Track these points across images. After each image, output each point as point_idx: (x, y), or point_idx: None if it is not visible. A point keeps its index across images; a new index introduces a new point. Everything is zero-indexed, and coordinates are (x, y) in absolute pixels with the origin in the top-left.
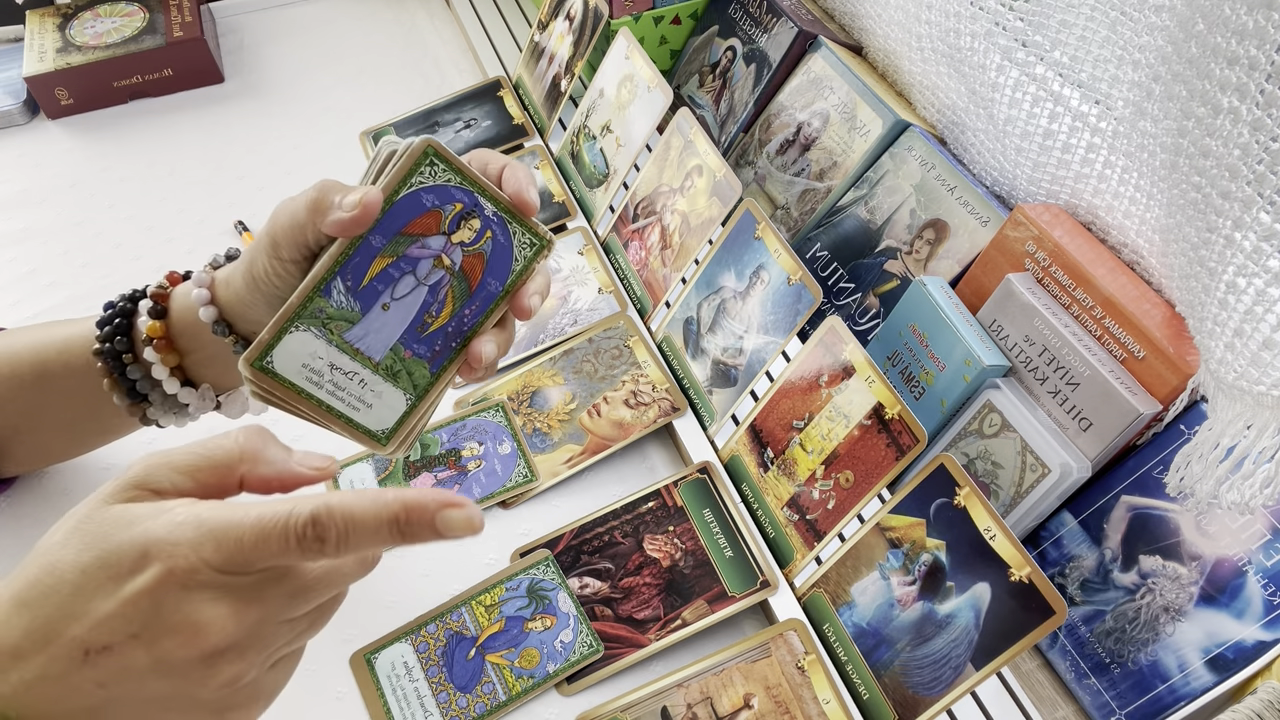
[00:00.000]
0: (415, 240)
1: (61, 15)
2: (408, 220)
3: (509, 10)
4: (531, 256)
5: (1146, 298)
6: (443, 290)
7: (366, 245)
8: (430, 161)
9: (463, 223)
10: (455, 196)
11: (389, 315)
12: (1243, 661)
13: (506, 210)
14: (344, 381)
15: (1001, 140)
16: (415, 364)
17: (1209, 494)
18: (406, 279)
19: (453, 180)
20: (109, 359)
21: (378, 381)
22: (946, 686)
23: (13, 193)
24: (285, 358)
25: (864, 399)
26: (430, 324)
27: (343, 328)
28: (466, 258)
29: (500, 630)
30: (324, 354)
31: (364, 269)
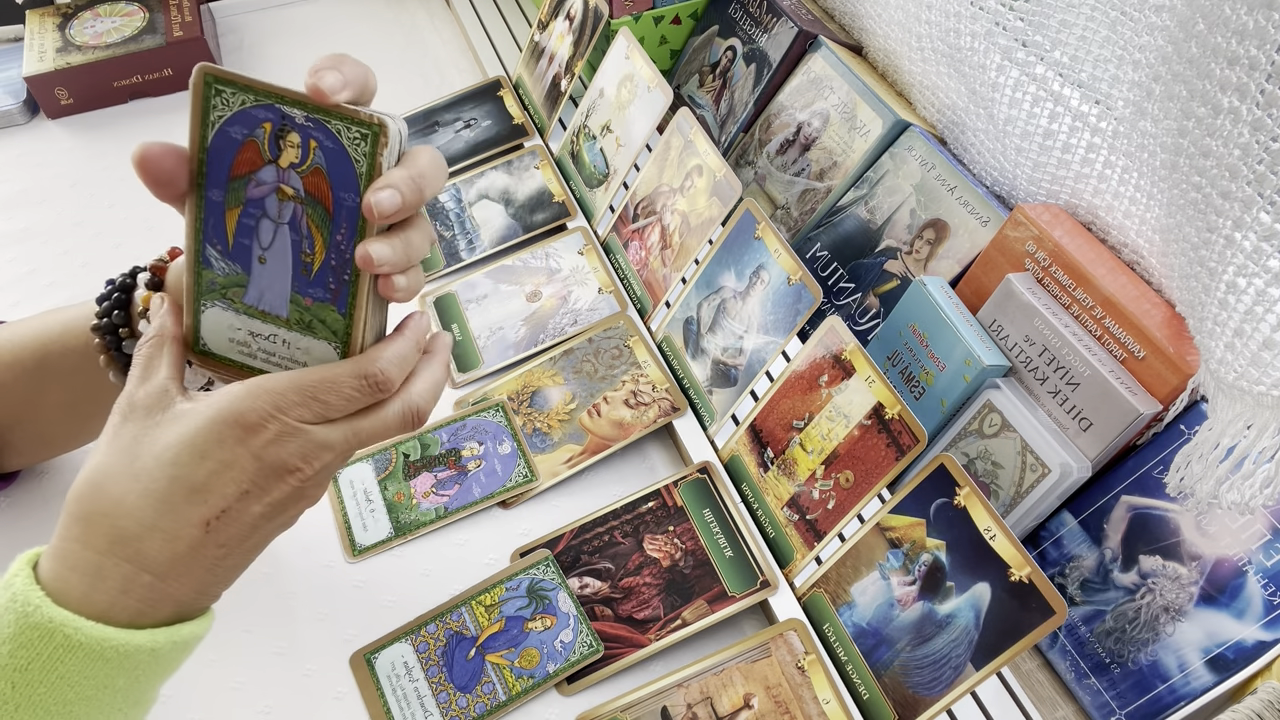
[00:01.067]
0: (248, 180)
1: (61, 15)
2: (230, 161)
3: (509, 10)
4: (371, 150)
5: (1146, 298)
6: (302, 223)
7: (210, 203)
8: (215, 90)
9: (281, 142)
10: (259, 117)
11: (269, 267)
12: (1243, 661)
13: (316, 109)
14: (269, 346)
15: (1001, 140)
16: (321, 309)
17: (1209, 494)
18: (264, 224)
19: (248, 101)
20: (105, 334)
21: (297, 337)
22: (946, 686)
23: (13, 192)
24: (212, 336)
25: (864, 399)
26: (311, 263)
27: (239, 293)
28: (306, 178)
29: (500, 630)
30: (239, 324)
31: (221, 227)
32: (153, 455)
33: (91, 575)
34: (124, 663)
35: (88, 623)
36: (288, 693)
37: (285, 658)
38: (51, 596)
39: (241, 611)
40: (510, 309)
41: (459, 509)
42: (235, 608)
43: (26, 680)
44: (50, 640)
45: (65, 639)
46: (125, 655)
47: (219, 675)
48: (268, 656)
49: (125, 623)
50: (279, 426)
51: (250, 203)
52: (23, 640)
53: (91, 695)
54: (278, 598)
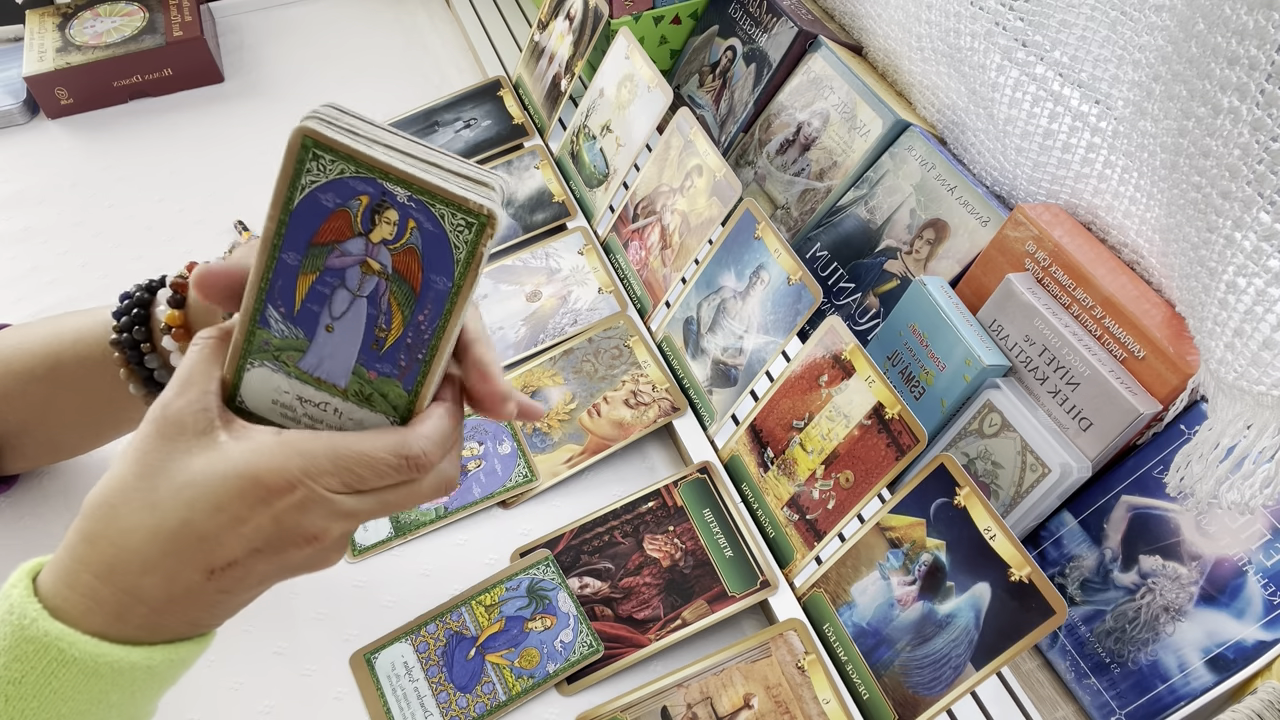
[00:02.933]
0: (331, 249)
1: (61, 15)
2: (314, 228)
3: (509, 10)
4: (474, 239)
5: (1146, 298)
6: (383, 298)
7: (283, 264)
8: (314, 155)
9: (376, 217)
10: (357, 189)
11: (336, 337)
12: (1243, 661)
13: (422, 191)
14: (318, 413)
15: (1001, 140)
16: (386, 384)
17: (1209, 494)
18: (340, 294)
19: (347, 170)
20: (126, 349)
21: (352, 409)
22: (946, 686)
23: (13, 192)
24: (254, 396)
25: (864, 399)
26: (384, 339)
27: (295, 357)
28: (397, 256)
29: (500, 630)
30: (287, 388)
31: (291, 291)
32: (172, 490)
33: (88, 597)
34: (118, 679)
35: (83, 637)
36: (288, 693)
37: (285, 658)
38: (49, 609)
39: (242, 612)
40: (510, 309)
41: (459, 509)
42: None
43: (20, 693)
44: (45, 654)
45: (60, 653)
46: (120, 672)
47: (219, 675)
48: (268, 656)
49: (122, 640)
50: (305, 493)
51: (329, 271)
52: (18, 653)
53: (86, 710)
54: (278, 598)
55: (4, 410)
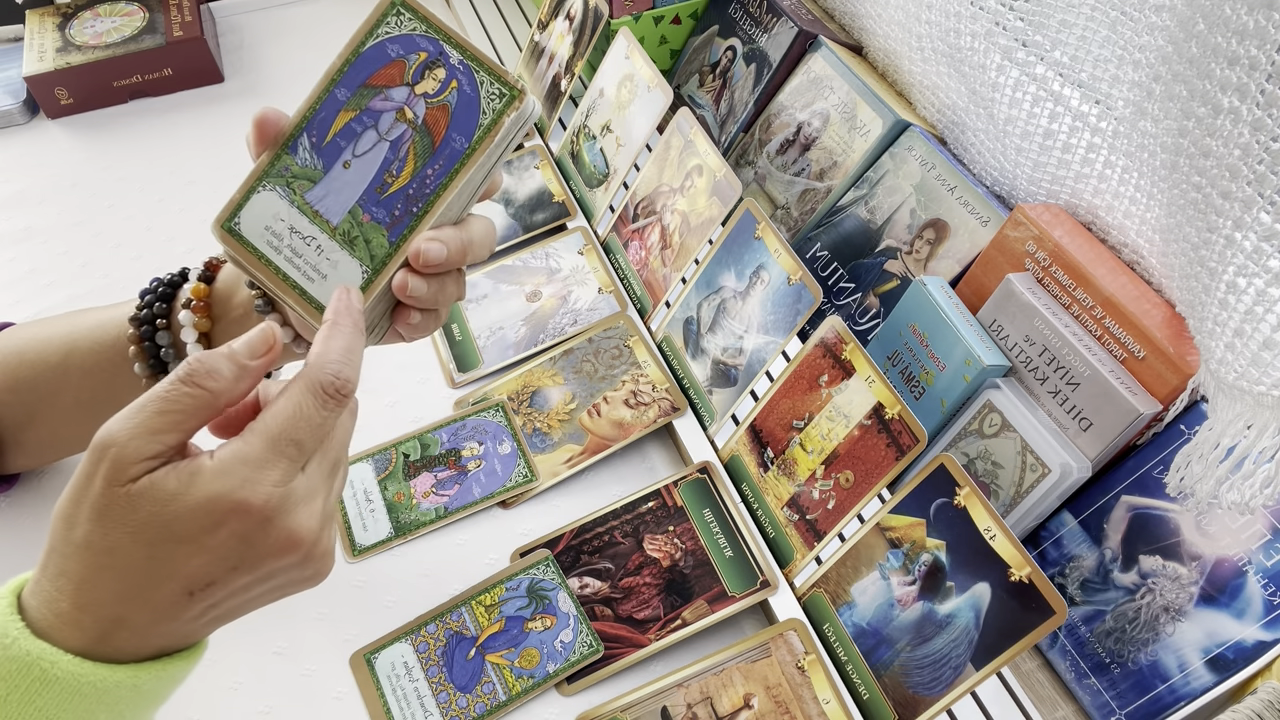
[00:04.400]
0: (379, 92)
1: (61, 15)
2: (372, 71)
3: (509, 10)
4: (501, 108)
5: (1147, 298)
6: (404, 146)
7: (332, 99)
8: (397, 10)
9: (427, 72)
10: (420, 45)
11: (350, 174)
12: (1243, 661)
13: (474, 58)
14: (301, 247)
15: (1001, 140)
16: (373, 230)
17: (1209, 494)
18: (368, 134)
19: (419, 29)
20: (142, 325)
21: (334, 248)
22: (946, 686)
23: (13, 193)
24: (251, 219)
25: (864, 399)
26: (390, 184)
27: (305, 187)
28: (430, 110)
29: (500, 630)
30: (285, 215)
31: (328, 124)
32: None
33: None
34: (103, 698)
35: (65, 657)
36: (288, 693)
37: (285, 658)
38: (31, 627)
39: None
40: (510, 309)
41: (459, 509)
42: None
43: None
44: (28, 673)
45: (43, 672)
46: (104, 691)
47: (219, 675)
48: (268, 656)
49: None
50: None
51: (368, 111)
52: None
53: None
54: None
55: (14, 400)
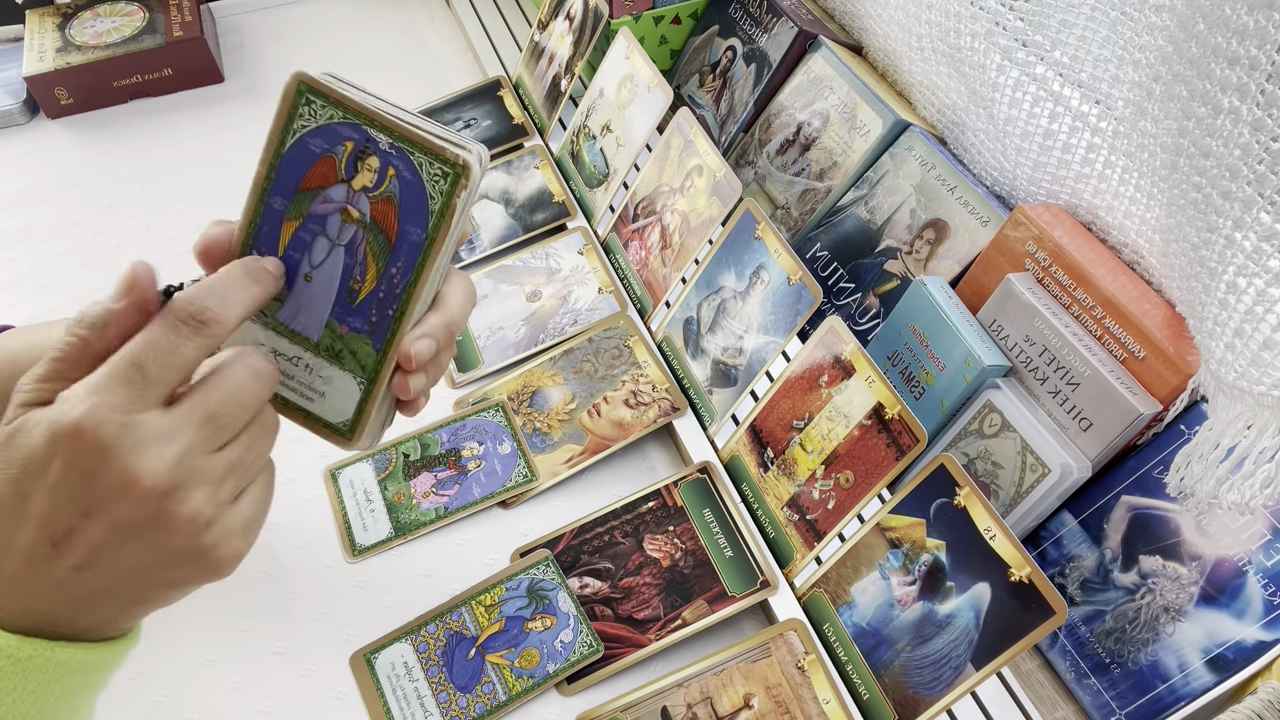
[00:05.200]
0: (316, 195)
1: (61, 15)
2: (302, 173)
3: (509, 10)
4: (449, 189)
5: (1147, 298)
6: (360, 249)
7: (270, 210)
8: (306, 100)
9: (359, 164)
10: (343, 134)
11: (314, 287)
12: (1243, 661)
13: (403, 139)
14: (290, 369)
15: (1001, 140)
16: (356, 340)
17: (1209, 494)
18: (320, 242)
19: (336, 116)
20: None
21: (323, 365)
22: (946, 686)
23: (13, 193)
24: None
25: (864, 399)
26: (358, 290)
27: (274, 307)
28: (375, 204)
29: (500, 630)
30: (264, 339)
31: (275, 237)
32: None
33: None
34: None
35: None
36: (288, 693)
37: (285, 658)
38: None
39: (241, 611)
40: (510, 309)
41: (459, 509)
42: (235, 608)
43: None
44: None
45: None
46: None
47: (219, 675)
48: (268, 656)
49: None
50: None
51: (311, 218)
52: None
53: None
54: (278, 598)
55: None
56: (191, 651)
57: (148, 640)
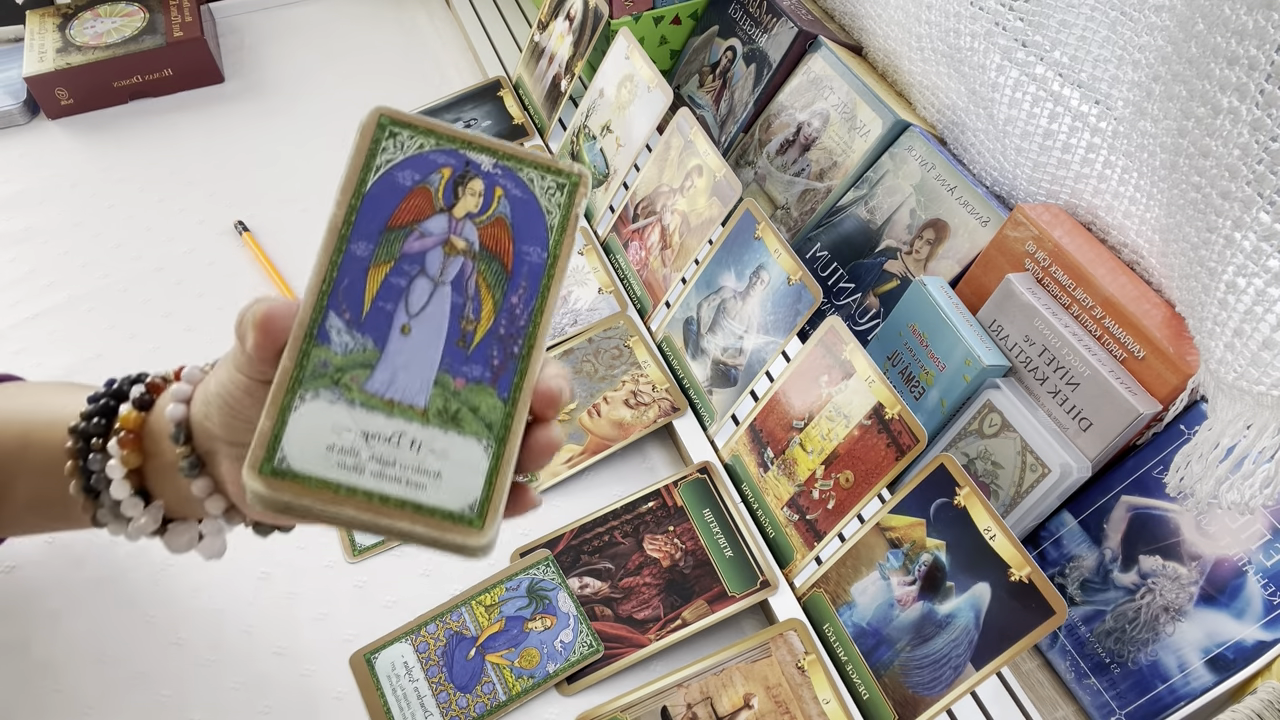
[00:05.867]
0: (410, 231)
1: (61, 15)
2: (390, 209)
3: (509, 10)
4: (567, 201)
5: (1146, 298)
6: (471, 281)
7: (350, 259)
8: (390, 132)
9: (460, 189)
10: (438, 161)
11: (414, 339)
12: (1243, 661)
13: (509, 156)
14: (389, 453)
15: (1001, 140)
16: (476, 392)
17: (1209, 494)
18: (419, 284)
19: (427, 144)
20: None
21: (435, 436)
22: (946, 686)
23: (13, 193)
24: (301, 446)
25: (864, 399)
26: (473, 332)
27: (360, 377)
28: (484, 229)
29: (500, 630)
30: (349, 422)
31: (360, 289)
32: None
33: None
34: None
35: None
36: (288, 693)
37: (285, 658)
38: None
39: (241, 611)
40: None
41: None
42: (235, 608)
43: None
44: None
45: None
46: None
47: (219, 675)
48: (268, 656)
49: None
50: None
51: (406, 258)
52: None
53: None
54: (278, 598)
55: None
56: (191, 651)
57: (148, 640)
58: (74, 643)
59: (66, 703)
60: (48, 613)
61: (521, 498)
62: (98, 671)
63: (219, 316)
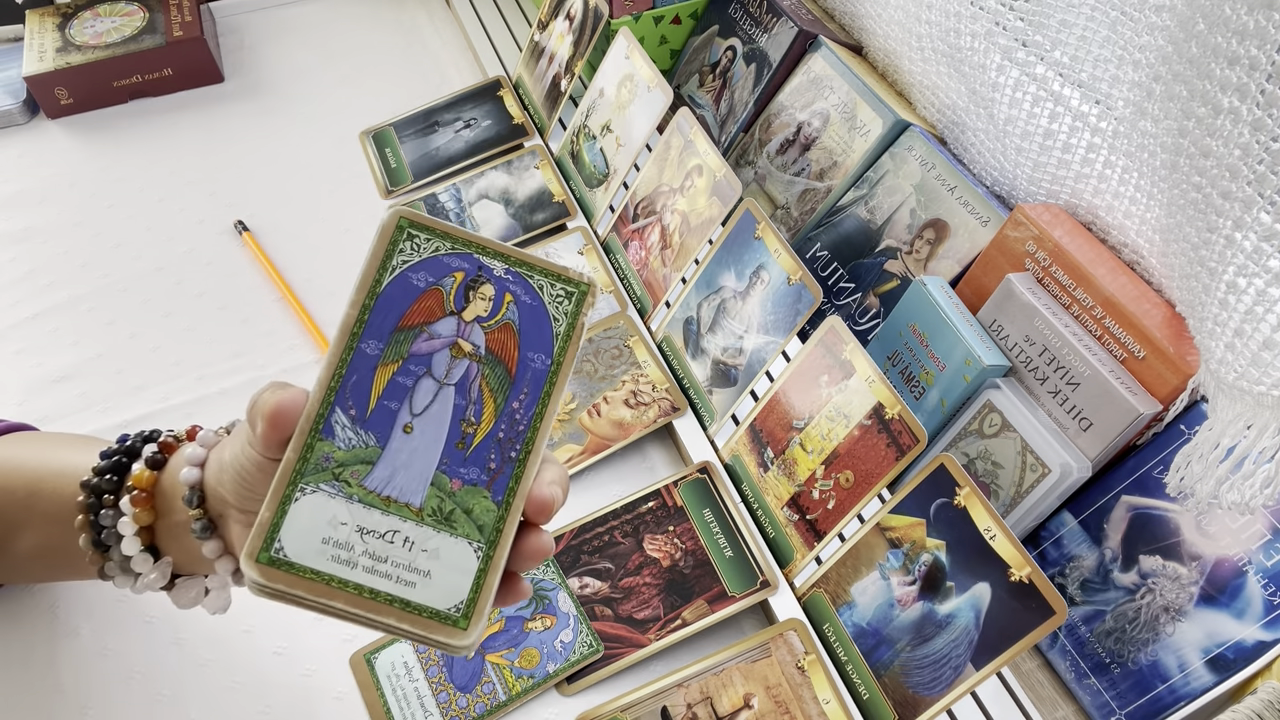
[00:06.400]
0: (419, 332)
1: (61, 15)
2: (403, 310)
3: (509, 10)
4: (575, 310)
5: (1147, 298)
6: (474, 385)
7: (360, 356)
8: (408, 235)
9: (471, 293)
10: (452, 266)
11: (416, 438)
12: (1243, 661)
13: (520, 263)
14: (383, 549)
15: (1001, 140)
16: (471, 495)
17: (1209, 494)
18: (424, 384)
19: (443, 248)
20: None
21: (428, 535)
22: (946, 686)
23: (13, 193)
24: (297, 538)
25: (864, 399)
26: (472, 435)
27: (361, 473)
28: (491, 334)
29: (500, 630)
30: (346, 517)
31: (366, 386)
32: None
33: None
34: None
35: None
36: (288, 693)
37: (285, 658)
38: None
39: (241, 611)
40: None
41: None
42: (235, 608)
43: None
44: None
45: None
46: None
47: (219, 675)
48: (268, 656)
49: None
50: None
51: (414, 358)
52: None
53: None
54: None
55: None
56: (191, 651)
57: (148, 639)
58: (74, 642)
59: (66, 702)
60: (48, 612)
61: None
62: (98, 670)
63: (219, 316)
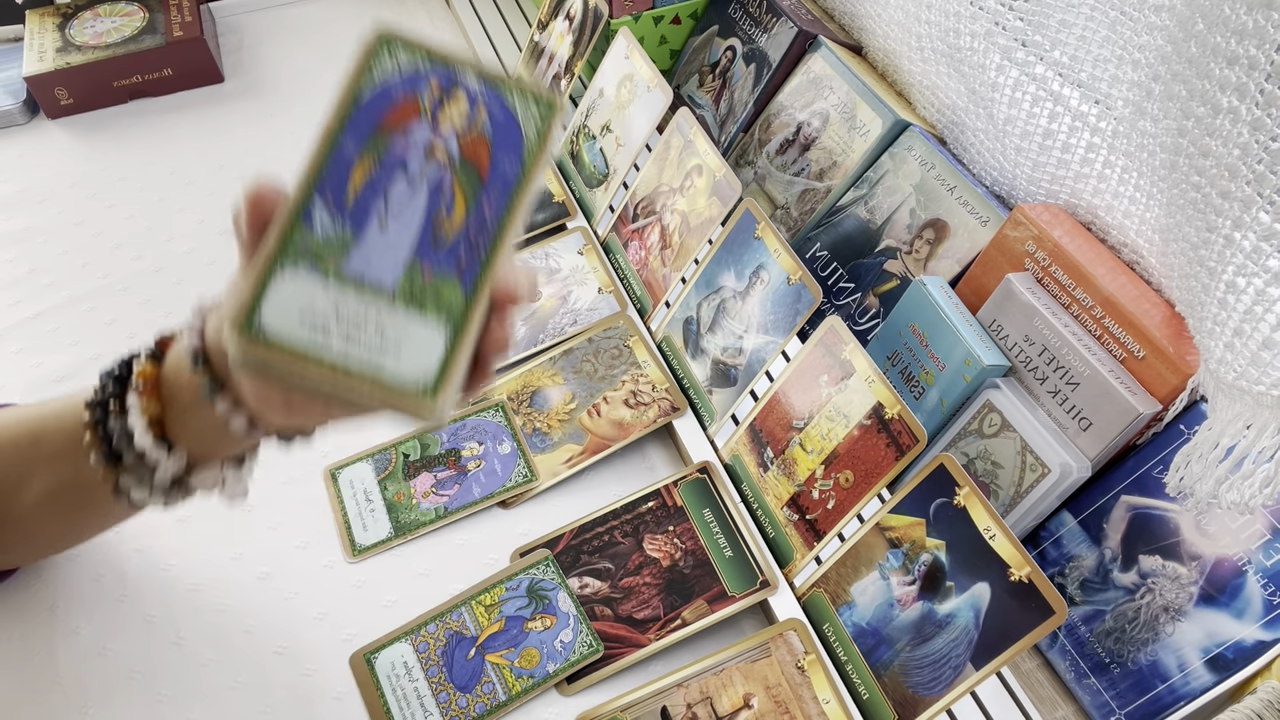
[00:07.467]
0: (396, 135)
1: (61, 15)
2: (381, 116)
3: (509, 10)
4: (543, 124)
5: (1146, 297)
6: (447, 184)
7: (339, 153)
8: (388, 48)
9: (446, 103)
10: (429, 78)
11: (391, 230)
12: (1242, 661)
13: (494, 78)
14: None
15: (1001, 140)
16: (442, 282)
17: (1209, 494)
18: (400, 180)
19: (420, 62)
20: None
21: (399, 316)
22: (946, 686)
23: (13, 192)
24: (278, 312)
25: (864, 399)
26: (445, 230)
27: (339, 258)
28: (465, 143)
29: (500, 630)
30: (323, 296)
31: (344, 180)
32: None
33: None
34: None
35: None
36: (288, 693)
37: (285, 658)
38: None
39: (241, 611)
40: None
41: (459, 509)
42: (235, 608)
43: None
44: None
45: None
46: None
47: (219, 675)
48: (268, 656)
49: None
50: None
51: (389, 157)
52: None
53: None
54: (278, 598)
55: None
56: (191, 651)
57: (148, 639)
58: (74, 641)
59: (66, 701)
60: (48, 611)
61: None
62: (98, 670)
63: None
